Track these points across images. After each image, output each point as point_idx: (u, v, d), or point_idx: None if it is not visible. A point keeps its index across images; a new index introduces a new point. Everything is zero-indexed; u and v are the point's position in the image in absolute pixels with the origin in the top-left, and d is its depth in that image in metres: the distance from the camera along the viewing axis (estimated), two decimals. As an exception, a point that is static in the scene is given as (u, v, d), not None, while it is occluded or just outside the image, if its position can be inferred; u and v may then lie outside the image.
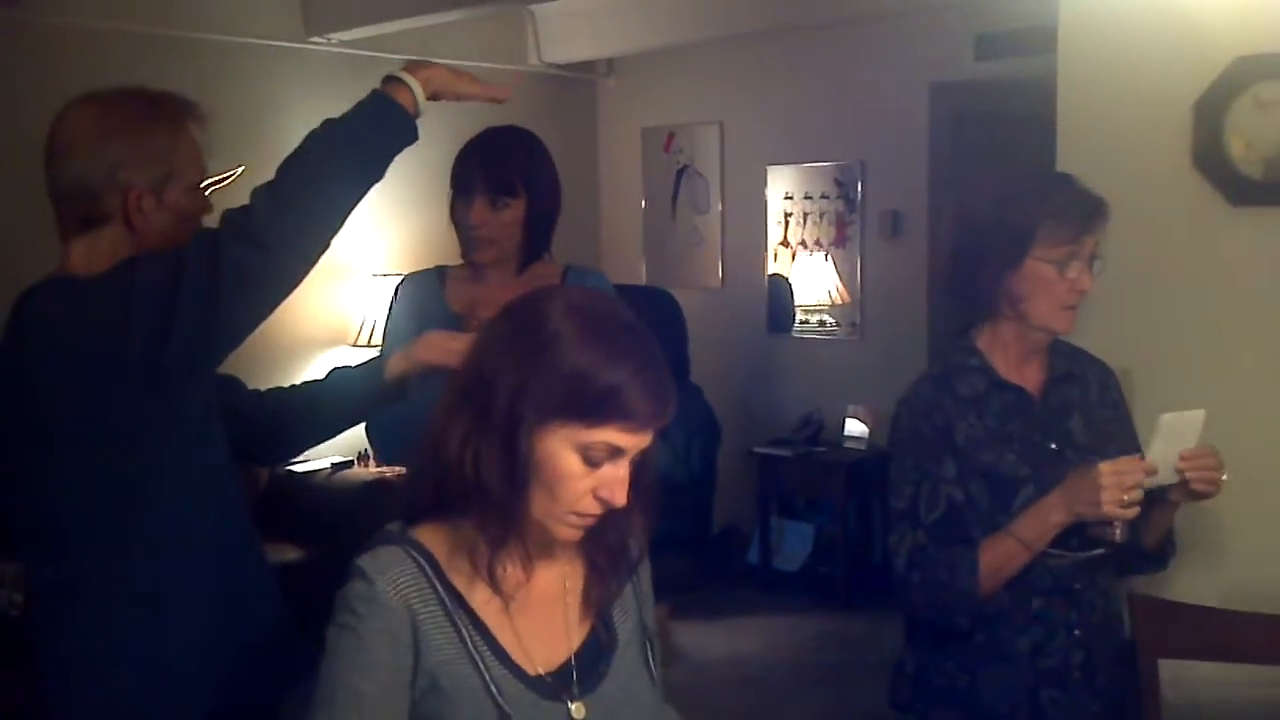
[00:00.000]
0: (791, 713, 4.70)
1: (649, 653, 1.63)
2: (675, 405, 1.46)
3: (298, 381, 2.34)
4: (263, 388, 2.30)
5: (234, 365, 1.97)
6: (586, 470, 1.44)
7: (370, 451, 5.55)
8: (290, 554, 4.62)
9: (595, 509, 1.47)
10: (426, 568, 1.47)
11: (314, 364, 5.68)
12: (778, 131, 6.49)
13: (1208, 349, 2.52)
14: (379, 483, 5.17)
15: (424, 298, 2.66)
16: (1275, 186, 2.43)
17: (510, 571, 1.51)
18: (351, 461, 5.56)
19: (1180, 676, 2.07)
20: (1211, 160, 2.48)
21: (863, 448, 6.04)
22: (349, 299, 5.74)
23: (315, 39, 5.58)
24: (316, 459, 5.46)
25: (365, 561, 1.46)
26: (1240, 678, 2.18)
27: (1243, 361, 2.49)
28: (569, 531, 1.49)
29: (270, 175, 1.88)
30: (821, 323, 6.42)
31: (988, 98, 5.79)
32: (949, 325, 5.95)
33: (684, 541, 5.97)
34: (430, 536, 1.49)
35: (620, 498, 1.46)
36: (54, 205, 1.91)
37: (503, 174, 2.54)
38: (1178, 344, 2.56)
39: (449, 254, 2.79)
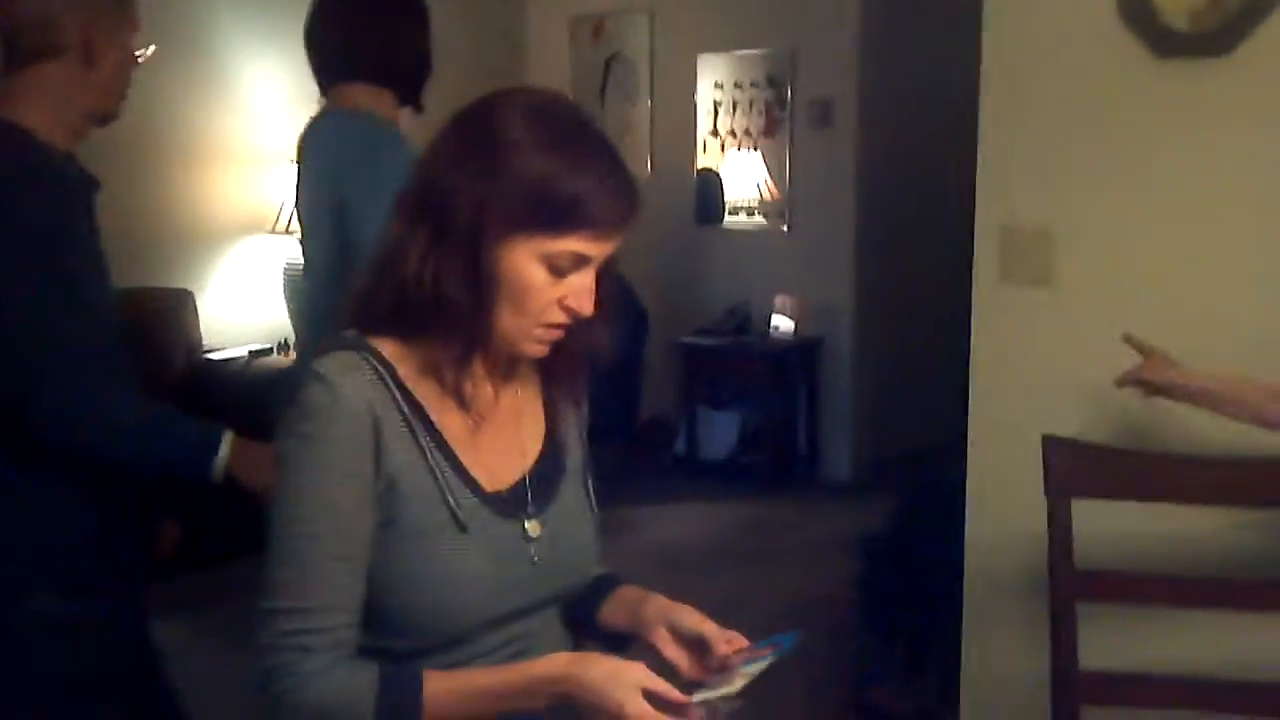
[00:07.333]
0: (713, 592, 4.70)
1: (588, 486, 1.62)
2: (640, 207, 1.42)
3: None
4: (172, 278, 2.30)
5: (139, 253, 1.90)
6: (552, 280, 1.40)
7: (290, 341, 5.46)
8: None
9: (563, 319, 1.43)
10: (385, 374, 1.42)
11: (230, 253, 5.54)
12: (708, 19, 6.39)
13: (1130, 204, 2.49)
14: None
15: None
16: (1201, 38, 2.37)
17: (478, 390, 1.48)
18: (271, 349, 5.46)
19: (1090, 516, 2.07)
20: (1137, 12, 2.42)
21: (789, 338, 6.05)
22: (269, 184, 5.59)
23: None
24: (233, 347, 5.35)
25: (322, 365, 1.40)
26: (1151, 516, 2.19)
27: (1164, 217, 2.46)
28: (536, 347, 1.46)
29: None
30: (750, 213, 6.37)
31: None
32: (877, 217, 5.99)
33: (610, 432, 5.95)
34: (388, 348, 1.44)
35: (588, 306, 1.43)
36: (3, 39, 1.92)
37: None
38: (1100, 200, 2.52)
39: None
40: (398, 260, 1.41)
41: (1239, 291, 2.42)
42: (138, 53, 2.04)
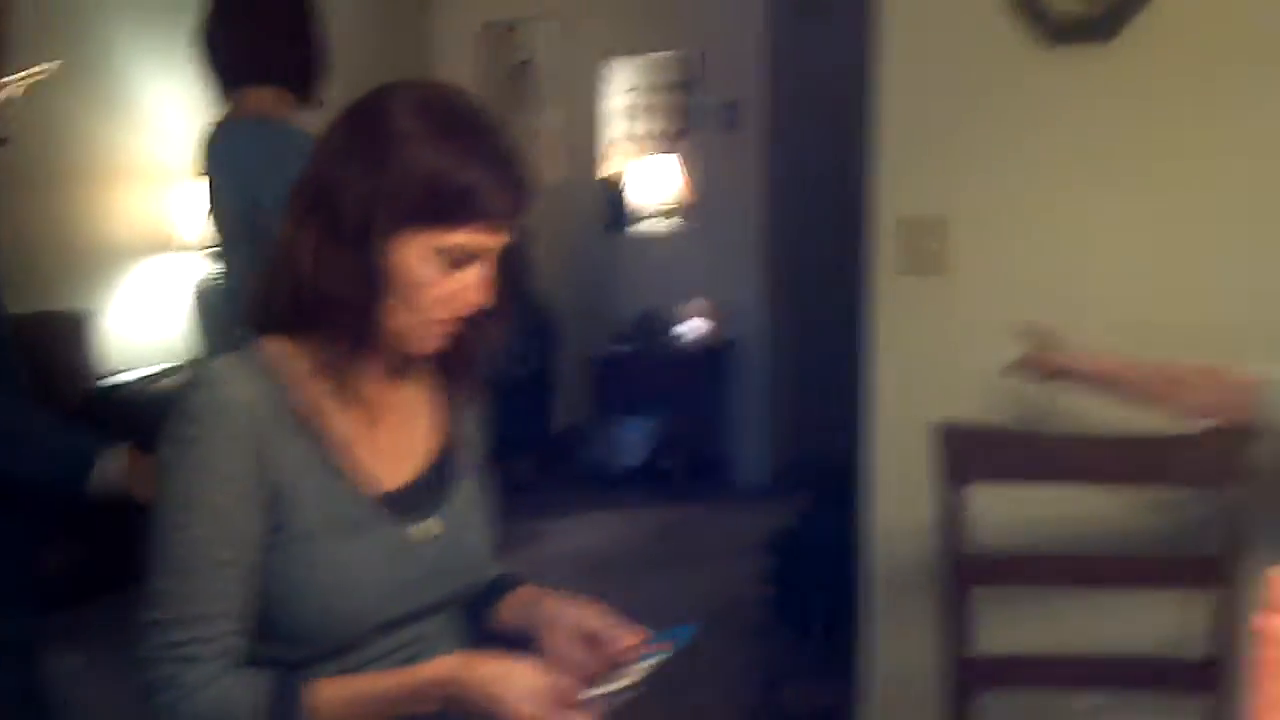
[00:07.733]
0: (631, 599, 4.68)
1: (484, 484, 1.60)
2: (533, 199, 1.40)
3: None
4: (73, 300, 2.25)
5: (38, 276, 1.85)
6: (444, 275, 1.37)
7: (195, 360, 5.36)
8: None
9: (456, 314, 1.41)
10: (273, 375, 1.39)
11: (132, 272, 5.43)
12: (617, 23, 6.39)
13: (1023, 190, 2.51)
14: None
15: None
16: (1086, 23, 2.39)
17: (370, 389, 1.45)
18: (176, 369, 5.35)
19: (984, 501, 2.08)
20: None
21: (701, 342, 6.06)
22: (171, 201, 5.47)
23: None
24: (138, 368, 5.25)
25: (206, 370, 1.37)
26: (1051, 499, 2.21)
27: (1056, 202, 2.49)
28: (429, 343, 1.43)
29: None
30: (659, 219, 6.37)
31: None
32: (786, 218, 6.01)
33: (524, 443, 5.93)
34: (278, 349, 1.41)
35: (481, 300, 1.41)
36: None
37: None
38: (993, 186, 2.54)
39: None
40: (289, 258, 1.38)
41: (1132, 276, 2.45)
42: (40, 68, 2.00)
